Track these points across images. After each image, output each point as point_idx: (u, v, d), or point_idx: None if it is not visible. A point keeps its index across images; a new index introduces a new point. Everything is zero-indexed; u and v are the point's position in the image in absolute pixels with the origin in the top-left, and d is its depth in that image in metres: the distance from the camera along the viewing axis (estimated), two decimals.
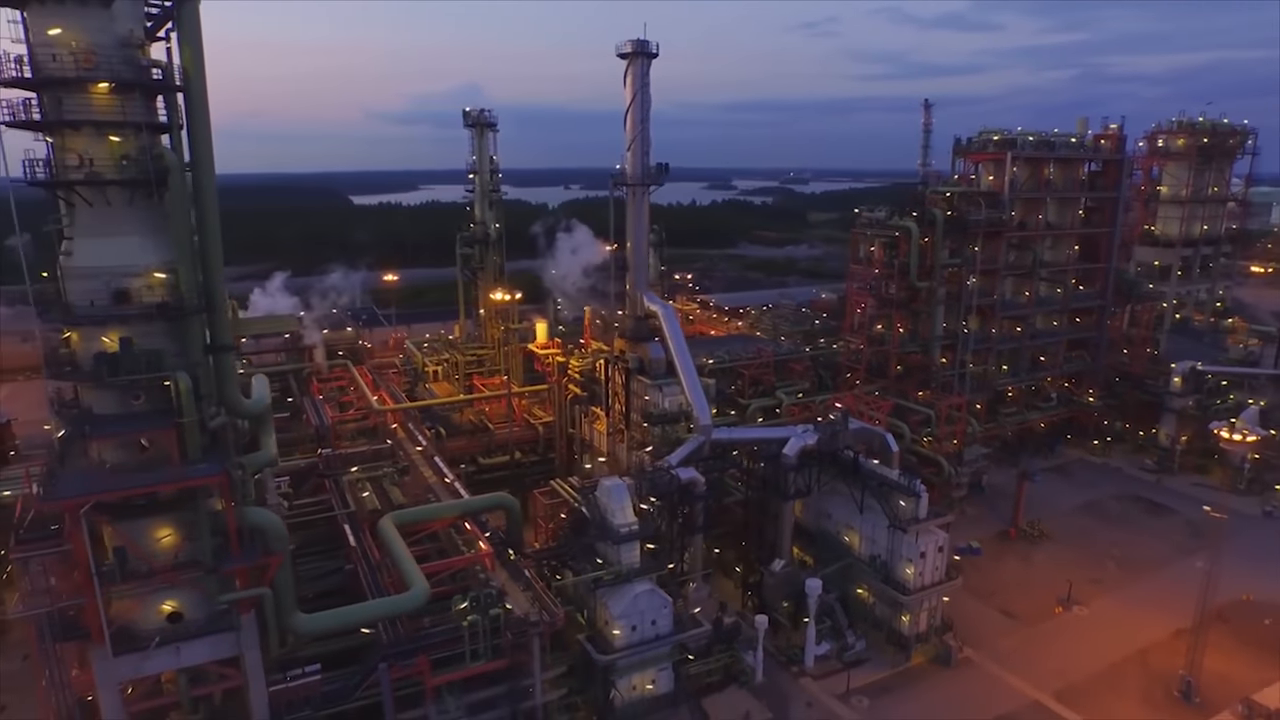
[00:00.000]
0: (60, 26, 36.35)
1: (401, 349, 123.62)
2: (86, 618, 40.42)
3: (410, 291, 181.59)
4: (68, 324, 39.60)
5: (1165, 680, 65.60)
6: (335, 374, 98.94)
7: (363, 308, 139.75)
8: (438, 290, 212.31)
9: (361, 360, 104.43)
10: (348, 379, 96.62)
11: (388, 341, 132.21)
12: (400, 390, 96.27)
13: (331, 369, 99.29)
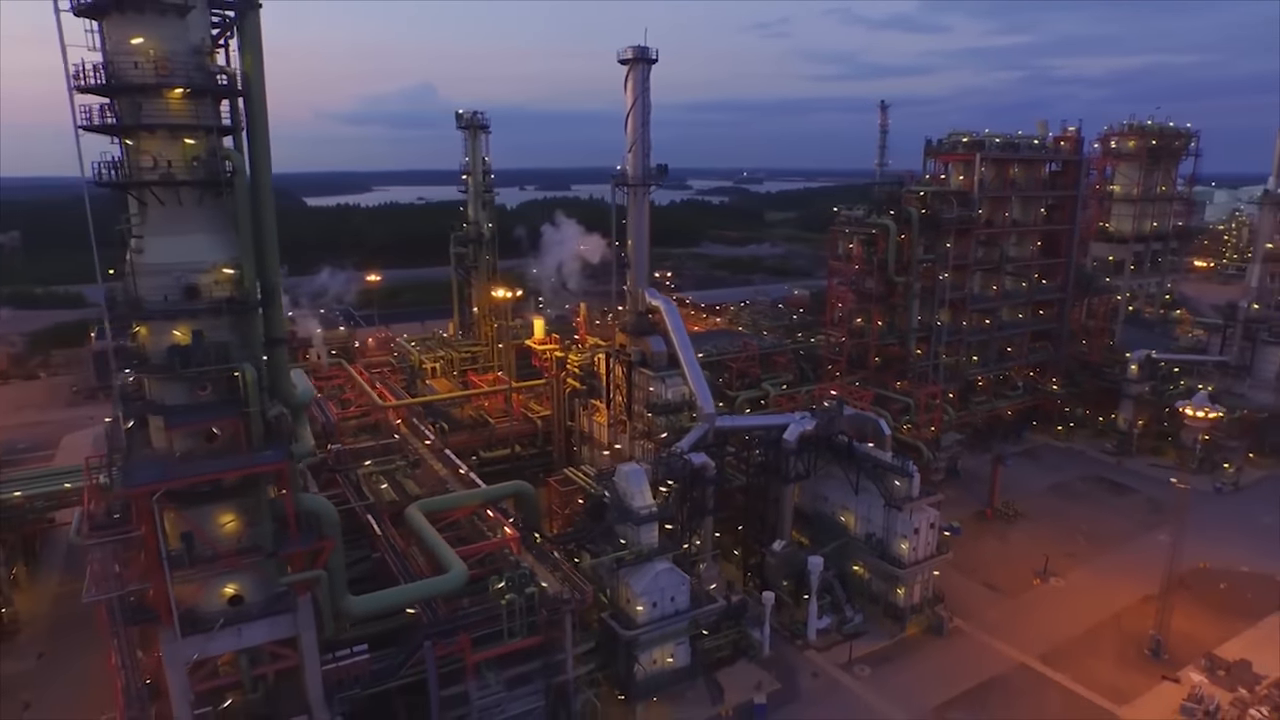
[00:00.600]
0: (140, 35, 38.10)
1: (386, 348, 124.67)
2: (155, 601, 42.12)
3: (385, 292, 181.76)
4: (138, 319, 41.25)
5: (1137, 640, 71.01)
6: (332, 372, 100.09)
7: (340, 308, 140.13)
8: (411, 291, 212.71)
9: (354, 359, 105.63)
10: (344, 377, 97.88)
11: (368, 341, 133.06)
12: (398, 387, 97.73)
13: (328, 367, 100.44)
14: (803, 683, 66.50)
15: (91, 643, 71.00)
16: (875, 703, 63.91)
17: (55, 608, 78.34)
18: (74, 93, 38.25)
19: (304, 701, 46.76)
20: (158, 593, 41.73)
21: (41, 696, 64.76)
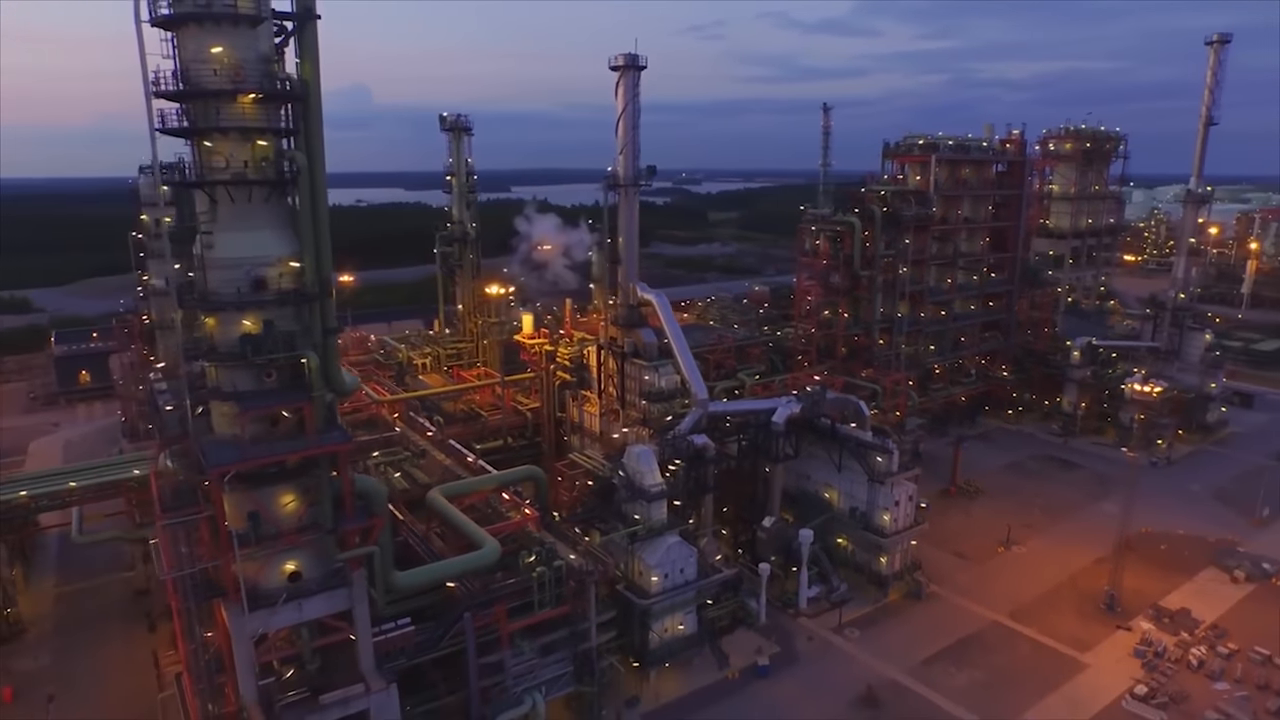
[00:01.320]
0: (219, 45, 40.59)
1: (363, 347, 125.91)
2: (224, 578, 44.61)
3: (348, 293, 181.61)
4: (208, 310, 43.66)
5: (1093, 597, 78.29)
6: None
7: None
8: (374, 292, 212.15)
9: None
10: None
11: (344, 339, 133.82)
12: (389, 383, 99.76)
13: None
14: (799, 646, 71.71)
15: (99, 641, 72.35)
16: (867, 660, 69.47)
17: (57, 608, 78.84)
18: (150, 98, 40.56)
19: (357, 671, 49.59)
20: (227, 570, 44.23)
21: (67, 690, 65.68)
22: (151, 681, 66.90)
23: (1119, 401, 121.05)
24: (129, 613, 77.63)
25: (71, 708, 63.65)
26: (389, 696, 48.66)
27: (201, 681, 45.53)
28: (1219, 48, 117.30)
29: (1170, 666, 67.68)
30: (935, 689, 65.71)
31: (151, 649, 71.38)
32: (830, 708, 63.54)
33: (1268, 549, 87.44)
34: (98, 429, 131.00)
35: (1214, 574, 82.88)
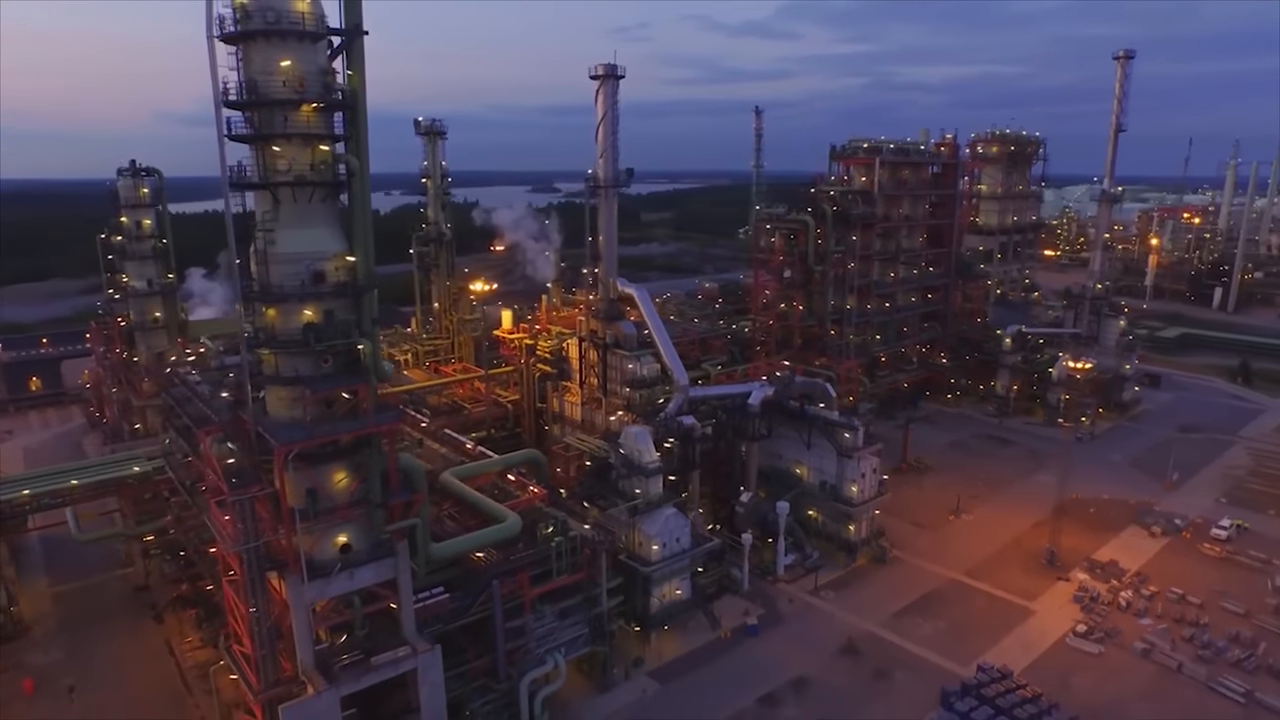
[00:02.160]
0: (285, 58, 44.22)
1: None
2: (284, 551, 48.26)
3: None
4: (270, 302, 47.19)
5: (1035, 554, 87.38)
6: None
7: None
8: None
9: None
10: None
11: None
12: None
13: None
14: (782, 608, 78.44)
15: (107, 635, 73.84)
16: (844, 617, 76.65)
17: (56, 607, 79.60)
18: (220, 107, 44.05)
19: (399, 636, 53.70)
20: (288, 543, 47.93)
21: (88, 681, 67.28)
22: (169, 669, 69.36)
23: (1047, 384, 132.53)
24: (131, 608, 78.97)
25: (93, 697, 65.45)
26: (433, 657, 52.95)
27: (264, 649, 48.96)
28: (1125, 62, 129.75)
29: (1104, 608, 76.97)
30: (906, 638, 73.30)
31: (163, 639, 73.57)
32: (816, 658, 70.37)
33: (1178, 508, 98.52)
34: (56, 435, 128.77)
35: (1135, 531, 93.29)
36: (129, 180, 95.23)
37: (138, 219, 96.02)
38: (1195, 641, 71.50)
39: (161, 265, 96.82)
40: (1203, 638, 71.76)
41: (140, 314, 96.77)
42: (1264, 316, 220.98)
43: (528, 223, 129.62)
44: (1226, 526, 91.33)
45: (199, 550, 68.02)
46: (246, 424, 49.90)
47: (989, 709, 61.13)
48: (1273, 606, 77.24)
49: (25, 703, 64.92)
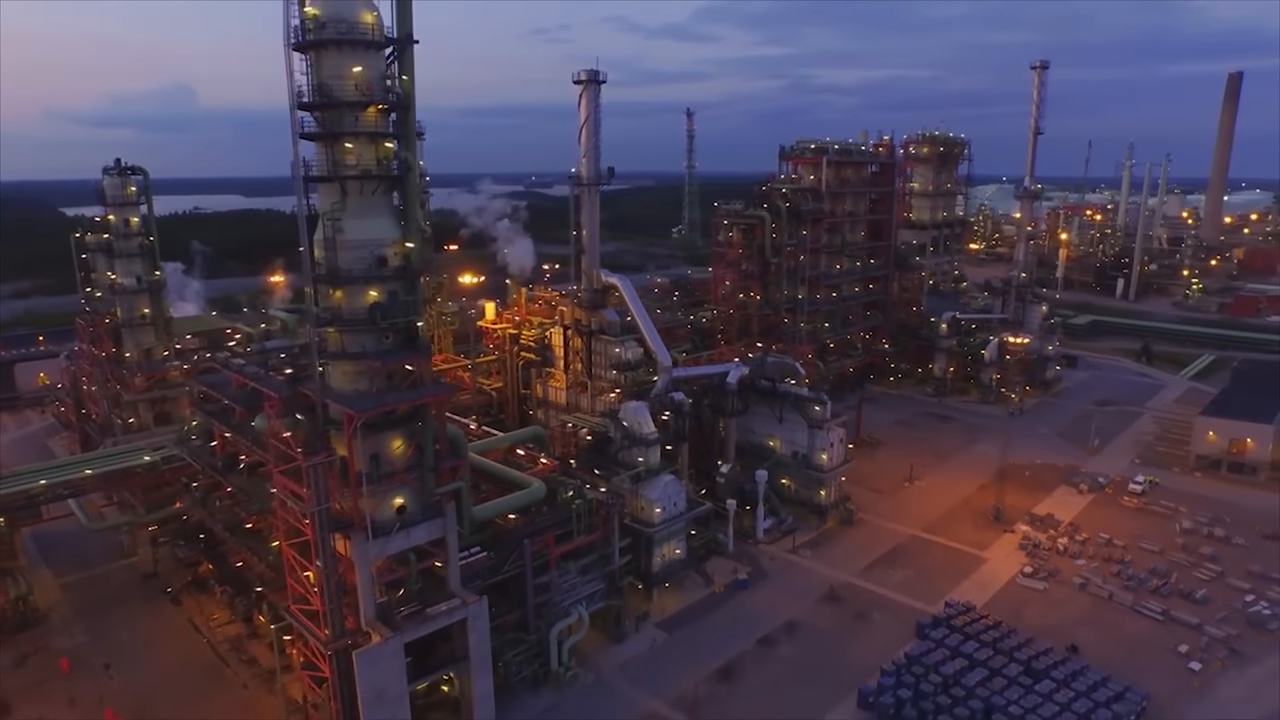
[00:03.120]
0: (357, 65, 49.12)
1: None
2: (351, 512, 53.07)
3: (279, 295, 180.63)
4: (338, 284, 51.83)
5: (982, 512, 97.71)
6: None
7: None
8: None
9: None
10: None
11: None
12: None
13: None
14: (765, 566, 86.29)
15: (128, 619, 76.29)
16: (822, 571, 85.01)
17: (66, 595, 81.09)
18: (295, 110, 48.74)
19: (447, 590, 58.96)
20: (354, 505, 52.82)
21: (122, 659, 69.83)
22: (197, 645, 72.53)
23: (980, 365, 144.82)
24: (143, 594, 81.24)
25: (129, 674, 68.16)
26: (481, 607, 58.42)
27: (332, 603, 53.55)
28: (1041, 71, 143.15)
29: (1045, 553, 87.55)
30: (879, 585, 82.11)
31: (185, 619, 76.40)
32: (803, 605, 78.42)
33: (1100, 469, 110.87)
34: (16, 440, 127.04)
35: (1066, 489, 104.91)
36: (116, 179, 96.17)
37: (125, 217, 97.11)
38: (1121, 575, 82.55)
39: (149, 262, 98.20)
40: (1127, 572, 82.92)
41: (129, 311, 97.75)
42: (1160, 304, 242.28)
43: (502, 222, 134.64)
44: (1141, 482, 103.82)
45: (232, 528, 71.10)
46: (309, 397, 54.49)
47: (958, 635, 70.32)
48: (1180, 545, 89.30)
49: (64, 681, 67.23)
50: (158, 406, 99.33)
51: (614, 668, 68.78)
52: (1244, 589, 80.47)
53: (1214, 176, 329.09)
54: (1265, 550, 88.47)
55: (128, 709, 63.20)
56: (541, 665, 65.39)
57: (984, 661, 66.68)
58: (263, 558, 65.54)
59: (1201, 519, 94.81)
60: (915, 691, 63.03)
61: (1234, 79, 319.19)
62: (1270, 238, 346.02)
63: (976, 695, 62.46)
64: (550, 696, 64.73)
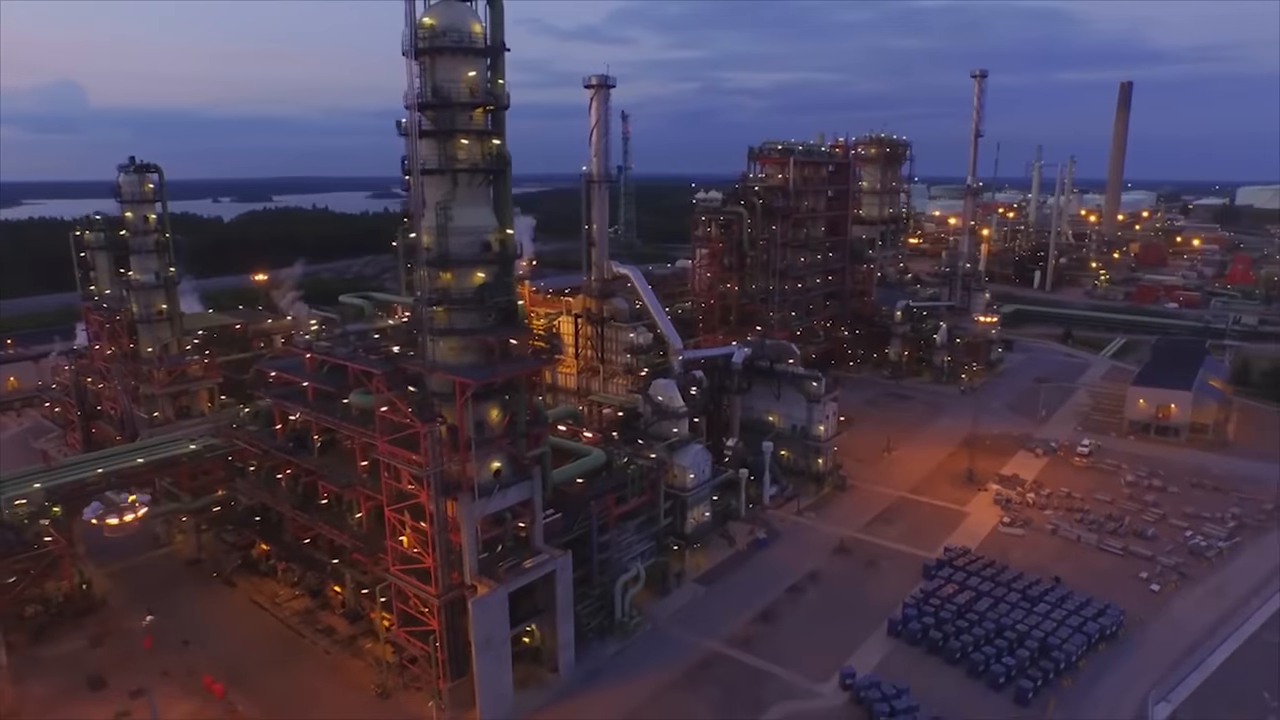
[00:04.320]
0: (469, 69, 54.78)
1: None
2: (460, 475, 58.68)
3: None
4: (447, 267, 57.21)
5: (957, 475, 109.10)
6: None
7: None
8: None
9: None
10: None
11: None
12: None
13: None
14: (777, 527, 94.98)
15: (188, 601, 79.25)
16: (828, 529, 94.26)
17: (116, 584, 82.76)
18: (415, 109, 54.18)
19: (532, 547, 65.04)
20: (462, 468, 58.48)
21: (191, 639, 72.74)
22: (266, 620, 76.08)
23: (932, 349, 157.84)
24: (192, 578, 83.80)
25: (210, 648, 71.27)
26: (566, 560, 64.83)
27: (443, 560, 58.93)
28: (981, 80, 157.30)
29: (1017, 506, 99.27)
30: (880, 538, 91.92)
31: (245, 599, 79.58)
32: (819, 558, 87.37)
33: (1050, 435, 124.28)
34: (5, 440, 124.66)
35: (1024, 454, 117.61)
36: (134, 175, 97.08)
37: (144, 213, 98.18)
38: (1084, 521, 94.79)
39: (164, 259, 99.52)
40: (1088, 518, 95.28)
41: (146, 307, 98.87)
42: (1073, 294, 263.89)
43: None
44: (1087, 445, 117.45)
45: (302, 506, 74.51)
46: (411, 371, 59.84)
47: (961, 573, 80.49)
48: (1127, 494, 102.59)
49: (148, 657, 69.88)
50: (177, 400, 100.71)
51: (665, 617, 76.01)
52: (1183, 527, 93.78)
53: (1111, 177, 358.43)
54: (1195, 496, 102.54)
55: (220, 677, 66.65)
56: (607, 616, 72.00)
57: (988, 592, 77.07)
58: (345, 529, 69.79)
59: (1141, 473, 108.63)
60: (935, 618, 72.63)
61: (1125, 88, 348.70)
62: (1160, 233, 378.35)
63: (987, 618, 72.56)
64: (616, 643, 71.50)
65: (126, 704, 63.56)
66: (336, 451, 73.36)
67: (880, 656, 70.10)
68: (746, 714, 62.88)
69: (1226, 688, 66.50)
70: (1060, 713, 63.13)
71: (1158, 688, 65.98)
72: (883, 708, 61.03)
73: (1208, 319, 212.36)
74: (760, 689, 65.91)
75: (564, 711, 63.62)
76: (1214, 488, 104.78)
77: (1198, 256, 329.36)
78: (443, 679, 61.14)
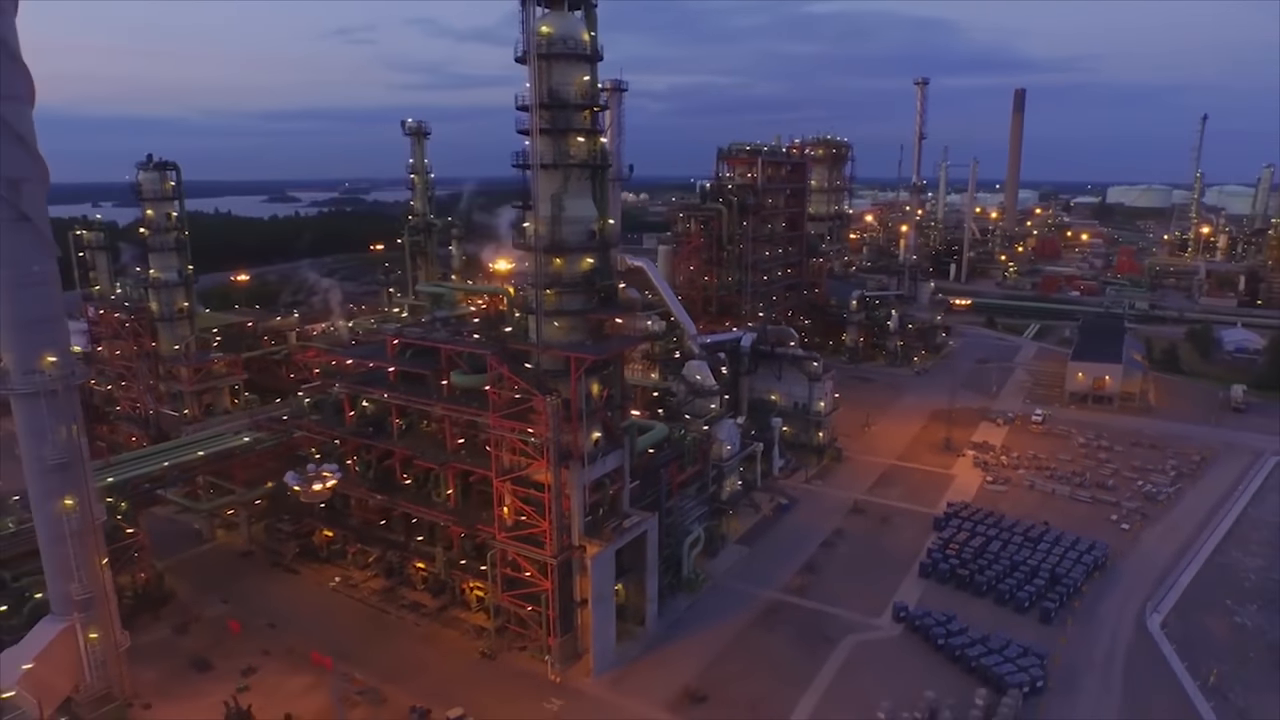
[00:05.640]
0: (583, 74, 60.40)
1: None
2: (572, 444, 64.31)
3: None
4: (560, 253, 62.59)
5: (935, 444, 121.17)
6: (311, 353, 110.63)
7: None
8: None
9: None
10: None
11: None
12: None
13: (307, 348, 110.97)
14: (792, 494, 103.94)
15: (256, 589, 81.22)
16: (838, 494, 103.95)
17: (176, 577, 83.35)
18: (536, 110, 59.61)
19: (623, 511, 71.16)
20: (574, 437, 64.17)
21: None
22: (344, 600, 78.98)
23: (885, 334, 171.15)
24: (250, 569, 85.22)
25: (296, 629, 73.80)
26: (654, 521, 71.33)
27: (558, 522, 64.33)
28: (923, 87, 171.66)
29: (995, 467, 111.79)
30: (886, 499, 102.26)
31: (314, 583, 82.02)
32: (838, 518, 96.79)
33: (1005, 408, 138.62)
34: None
35: (987, 424, 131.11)
36: (154, 173, 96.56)
37: (165, 211, 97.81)
38: (1054, 477, 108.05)
39: (184, 256, 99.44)
40: (1057, 475, 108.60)
41: (167, 305, 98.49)
42: (986, 284, 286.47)
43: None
44: (1040, 415, 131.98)
45: (381, 487, 77.70)
46: (521, 350, 65.11)
47: (969, 523, 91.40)
48: (1082, 454, 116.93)
49: (238, 640, 71.99)
50: (201, 398, 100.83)
51: (721, 574, 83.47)
52: (1135, 478, 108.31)
53: (1009, 176, 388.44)
54: (1138, 453, 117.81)
55: (324, 653, 69.63)
56: (675, 574, 78.76)
57: (995, 537, 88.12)
58: (435, 506, 73.80)
59: (1089, 436, 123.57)
60: (959, 560, 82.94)
61: (1019, 94, 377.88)
62: (1051, 229, 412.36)
63: (1000, 557, 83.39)
64: (686, 599, 78.45)
65: (240, 681, 65.87)
66: (416, 433, 77.21)
67: (918, 594, 79.76)
68: (822, 647, 71.08)
69: (1197, 599, 79.47)
70: (1076, 627, 74.28)
71: (1150, 602, 78.22)
72: (939, 631, 70.49)
73: (1106, 305, 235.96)
74: (825, 626, 74.31)
75: (659, 657, 70.13)
76: (1150, 445, 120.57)
77: (1087, 250, 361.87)
78: (553, 636, 66.51)
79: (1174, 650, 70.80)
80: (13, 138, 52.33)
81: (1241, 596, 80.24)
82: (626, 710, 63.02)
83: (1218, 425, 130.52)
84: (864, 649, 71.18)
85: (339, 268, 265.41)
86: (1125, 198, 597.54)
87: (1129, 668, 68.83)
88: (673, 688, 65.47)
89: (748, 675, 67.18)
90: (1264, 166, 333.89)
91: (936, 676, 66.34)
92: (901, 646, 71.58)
